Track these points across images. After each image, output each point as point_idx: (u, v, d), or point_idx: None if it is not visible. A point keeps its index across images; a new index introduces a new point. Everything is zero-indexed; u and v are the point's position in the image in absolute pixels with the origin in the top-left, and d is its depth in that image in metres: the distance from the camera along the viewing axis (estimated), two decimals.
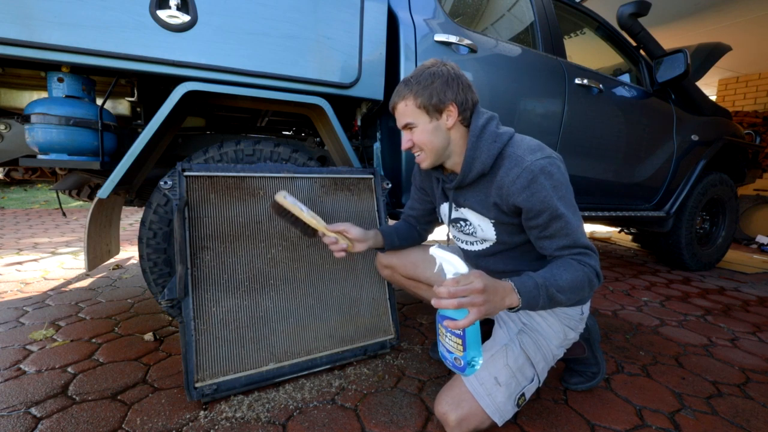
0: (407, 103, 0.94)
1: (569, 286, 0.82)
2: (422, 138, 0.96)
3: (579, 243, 0.87)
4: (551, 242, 0.89)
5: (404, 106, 0.95)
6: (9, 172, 1.56)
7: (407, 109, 0.95)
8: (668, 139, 2.44)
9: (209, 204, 1.14)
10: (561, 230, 0.87)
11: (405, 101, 0.95)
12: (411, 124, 0.96)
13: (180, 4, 1.09)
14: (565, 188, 0.90)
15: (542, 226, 0.89)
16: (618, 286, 2.37)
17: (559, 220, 0.87)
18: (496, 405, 0.89)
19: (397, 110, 0.98)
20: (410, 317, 1.72)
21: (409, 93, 0.93)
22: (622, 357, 1.42)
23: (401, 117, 0.97)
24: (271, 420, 1.00)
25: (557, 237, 0.88)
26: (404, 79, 0.97)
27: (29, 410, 1.01)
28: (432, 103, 0.92)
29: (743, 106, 5.16)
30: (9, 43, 0.95)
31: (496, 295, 0.74)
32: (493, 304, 0.73)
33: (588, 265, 0.86)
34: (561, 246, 0.88)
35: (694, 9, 3.59)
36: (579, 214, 0.91)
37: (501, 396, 0.90)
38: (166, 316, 1.64)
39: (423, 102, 0.92)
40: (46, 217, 4.36)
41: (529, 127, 1.82)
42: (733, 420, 1.08)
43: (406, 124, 0.97)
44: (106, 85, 1.32)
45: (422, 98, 0.92)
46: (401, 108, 0.96)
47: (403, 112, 0.96)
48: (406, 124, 0.96)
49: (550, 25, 1.95)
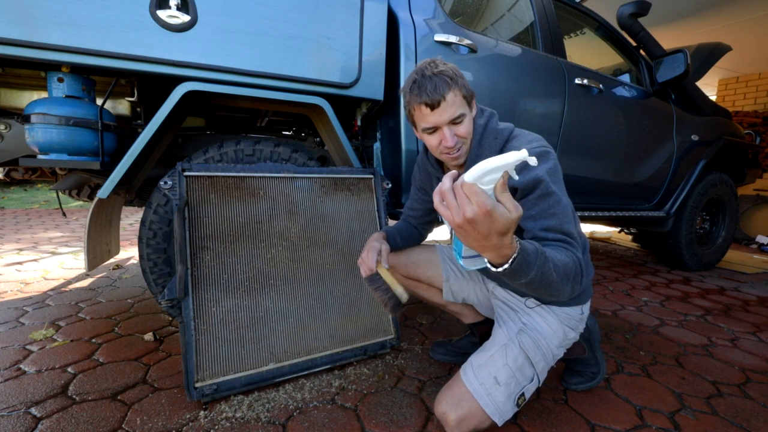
0: (456, 93, 0.88)
1: (563, 269, 0.73)
2: (469, 129, 0.93)
3: (564, 228, 0.82)
4: (535, 222, 0.83)
5: (454, 96, 0.88)
6: (9, 172, 1.56)
7: (457, 99, 0.89)
8: (668, 139, 2.43)
9: (209, 204, 1.14)
10: (548, 209, 0.83)
11: (454, 92, 0.88)
12: (462, 116, 0.90)
13: (180, 4, 1.09)
14: (558, 175, 0.88)
15: (530, 203, 0.84)
16: (618, 286, 2.37)
17: (549, 197, 0.83)
18: (495, 405, 0.89)
19: (445, 102, 0.88)
20: (410, 317, 1.72)
21: (453, 84, 0.88)
22: (622, 357, 1.42)
23: (450, 109, 0.88)
24: (271, 420, 1.00)
25: (543, 217, 0.83)
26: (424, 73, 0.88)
27: (29, 410, 1.01)
28: (470, 94, 0.92)
29: (743, 106, 5.16)
30: (9, 43, 0.95)
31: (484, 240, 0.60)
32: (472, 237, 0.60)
33: (574, 254, 0.79)
34: (546, 227, 0.82)
35: (694, 9, 3.59)
36: (571, 206, 0.89)
37: (501, 396, 0.90)
38: (166, 316, 1.64)
39: (465, 92, 0.90)
40: (46, 217, 4.36)
41: (529, 127, 1.80)
42: (733, 420, 1.08)
43: (458, 116, 0.89)
44: (106, 85, 1.32)
45: (464, 89, 0.90)
46: (451, 99, 0.88)
47: (452, 103, 0.88)
48: (458, 116, 0.89)
49: (550, 25, 1.95)
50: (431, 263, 1.23)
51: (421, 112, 0.90)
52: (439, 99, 0.87)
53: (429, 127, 0.91)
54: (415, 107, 0.90)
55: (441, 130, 0.91)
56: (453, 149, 0.93)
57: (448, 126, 0.90)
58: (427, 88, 0.87)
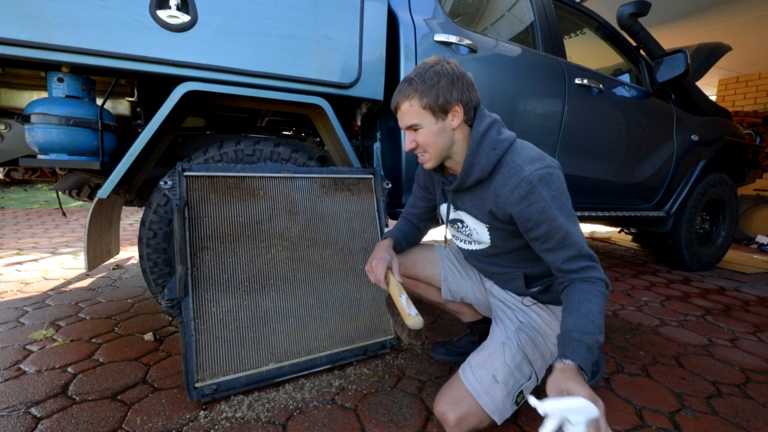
0: (412, 104, 0.90)
1: (601, 317, 0.82)
2: (427, 139, 0.93)
3: (583, 252, 0.87)
4: (556, 255, 0.88)
5: (408, 106, 0.91)
6: (9, 172, 1.56)
7: (412, 109, 0.91)
8: (668, 139, 2.43)
9: (209, 204, 1.14)
10: (563, 241, 0.86)
11: (409, 101, 0.90)
12: (416, 125, 0.92)
13: (180, 4, 1.09)
14: (564, 197, 0.88)
15: (543, 238, 0.88)
16: (618, 286, 2.37)
17: (559, 230, 0.86)
18: (495, 403, 0.89)
19: (400, 110, 0.93)
20: None
21: (413, 93, 0.89)
22: (622, 357, 1.42)
23: (405, 117, 0.93)
24: (271, 420, 1.00)
25: (561, 249, 0.87)
26: (406, 77, 0.93)
27: (29, 410, 1.01)
28: (438, 104, 0.89)
29: (743, 106, 5.16)
30: (9, 43, 0.95)
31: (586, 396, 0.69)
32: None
33: (599, 280, 0.85)
34: (567, 257, 0.87)
35: (694, 9, 3.59)
36: (577, 222, 0.90)
37: (499, 394, 0.90)
38: (166, 316, 1.64)
39: (429, 102, 0.89)
40: (46, 217, 4.36)
41: (529, 127, 1.82)
42: (733, 420, 1.08)
43: (411, 125, 0.93)
44: (106, 85, 1.32)
45: (428, 98, 0.88)
46: (405, 108, 0.92)
47: (407, 112, 0.92)
48: (411, 125, 0.93)
49: (550, 25, 1.95)
50: (430, 262, 1.23)
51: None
52: (395, 105, 0.94)
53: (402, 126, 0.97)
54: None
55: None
56: (416, 152, 0.97)
57: (407, 130, 0.95)
58: (395, 91, 0.94)
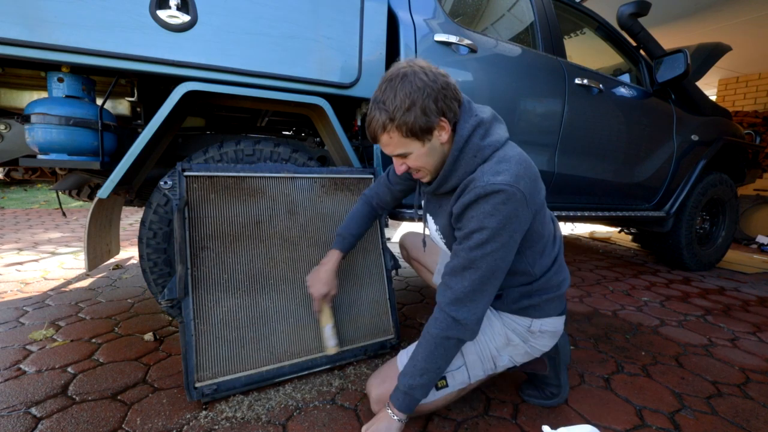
0: (392, 135, 0.81)
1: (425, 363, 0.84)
2: (419, 163, 0.86)
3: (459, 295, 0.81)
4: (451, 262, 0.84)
5: (389, 138, 0.82)
6: (9, 172, 1.56)
7: (393, 141, 0.82)
8: (668, 139, 2.44)
9: (209, 204, 1.14)
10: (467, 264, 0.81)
11: (388, 134, 0.81)
12: (403, 154, 0.85)
13: (180, 4, 1.09)
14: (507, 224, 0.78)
15: (460, 238, 0.83)
16: (618, 286, 2.37)
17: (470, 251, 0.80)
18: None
19: (380, 142, 0.84)
20: (410, 317, 1.72)
21: (389, 123, 0.79)
22: (622, 357, 1.42)
23: (388, 149, 0.85)
24: (272, 420, 1.00)
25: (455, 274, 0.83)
26: (376, 100, 0.81)
27: (29, 410, 1.01)
28: (420, 128, 0.79)
29: (743, 106, 5.17)
30: (9, 43, 0.95)
31: None
32: None
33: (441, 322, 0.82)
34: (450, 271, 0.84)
35: (694, 9, 3.59)
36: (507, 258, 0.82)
37: None
38: (166, 316, 1.64)
39: (409, 129, 0.79)
40: (46, 217, 4.36)
41: (529, 127, 1.82)
42: (733, 420, 1.08)
43: (399, 155, 0.85)
44: (106, 85, 1.32)
45: (407, 126, 0.78)
46: (385, 140, 0.83)
47: (388, 144, 0.83)
48: (398, 154, 0.85)
49: (550, 25, 1.95)
50: (434, 252, 1.31)
51: None
52: (372, 136, 0.84)
53: None
54: None
55: None
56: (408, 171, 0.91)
57: (394, 157, 0.88)
58: (368, 118, 0.83)
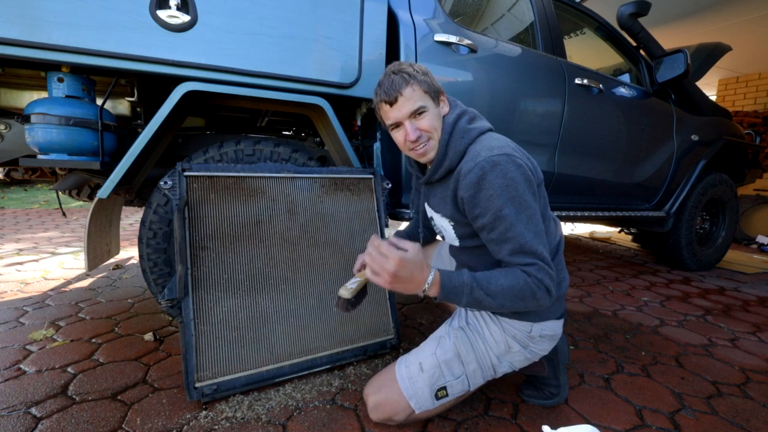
0: (414, 88, 0.89)
1: (502, 292, 0.81)
2: (433, 123, 0.92)
3: (526, 248, 0.82)
4: (499, 247, 0.85)
5: (412, 91, 0.89)
6: (9, 172, 1.56)
7: (415, 93, 0.90)
8: (668, 139, 2.43)
9: (209, 204, 1.14)
10: (505, 233, 0.83)
11: (411, 87, 0.89)
12: (422, 108, 0.90)
13: (180, 4, 1.09)
14: (518, 187, 0.84)
15: (488, 228, 0.86)
16: (618, 286, 2.37)
17: (503, 221, 0.83)
18: (414, 389, 0.92)
19: (402, 96, 0.89)
20: (410, 317, 1.72)
21: (412, 80, 0.89)
22: (622, 357, 1.42)
23: (409, 103, 0.90)
24: (272, 420, 1.00)
25: (504, 241, 0.84)
26: (392, 71, 0.91)
27: (29, 410, 1.01)
28: (434, 90, 0.92)
29: (743, 106, 5.17)
30: (9, 43, 0.95)
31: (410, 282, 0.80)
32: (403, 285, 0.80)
33: (534, 277, 0.81)
34: (510, 251, 0.84)
35: (694, 9, 3.59)
36: (534, 216, 0.85)
37: (421, 382, 0.93)
38: (166, 316, 1.64)
39: (427, 88, 0.91)
40: (46, 217, 4.36)
41: (529, 127, 1.82)
42: (733, 420, 1.08)
43: (417, 109, 0.90)
44: (106, 85, 1.32)
45: (425, 85, 0.90)
46: (408, 93, 0.89)
47: (410, 97, 0.90)
48: (417, 108, 0.90)
49: (550, 25, 1.95)
50: (428, 255, 1.30)
51: (383, 109, 0.94)
52: (396, 95, 0.90)
53: (392, 123, 0.94)
54: (379, 106, 0.94)
55: (404, 125, 0.92)
56: (418, 144, 0.93)
57: (409, 120, 0.92)
58: (384, 85, 0.91)
